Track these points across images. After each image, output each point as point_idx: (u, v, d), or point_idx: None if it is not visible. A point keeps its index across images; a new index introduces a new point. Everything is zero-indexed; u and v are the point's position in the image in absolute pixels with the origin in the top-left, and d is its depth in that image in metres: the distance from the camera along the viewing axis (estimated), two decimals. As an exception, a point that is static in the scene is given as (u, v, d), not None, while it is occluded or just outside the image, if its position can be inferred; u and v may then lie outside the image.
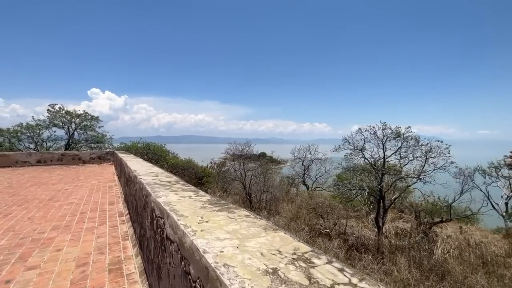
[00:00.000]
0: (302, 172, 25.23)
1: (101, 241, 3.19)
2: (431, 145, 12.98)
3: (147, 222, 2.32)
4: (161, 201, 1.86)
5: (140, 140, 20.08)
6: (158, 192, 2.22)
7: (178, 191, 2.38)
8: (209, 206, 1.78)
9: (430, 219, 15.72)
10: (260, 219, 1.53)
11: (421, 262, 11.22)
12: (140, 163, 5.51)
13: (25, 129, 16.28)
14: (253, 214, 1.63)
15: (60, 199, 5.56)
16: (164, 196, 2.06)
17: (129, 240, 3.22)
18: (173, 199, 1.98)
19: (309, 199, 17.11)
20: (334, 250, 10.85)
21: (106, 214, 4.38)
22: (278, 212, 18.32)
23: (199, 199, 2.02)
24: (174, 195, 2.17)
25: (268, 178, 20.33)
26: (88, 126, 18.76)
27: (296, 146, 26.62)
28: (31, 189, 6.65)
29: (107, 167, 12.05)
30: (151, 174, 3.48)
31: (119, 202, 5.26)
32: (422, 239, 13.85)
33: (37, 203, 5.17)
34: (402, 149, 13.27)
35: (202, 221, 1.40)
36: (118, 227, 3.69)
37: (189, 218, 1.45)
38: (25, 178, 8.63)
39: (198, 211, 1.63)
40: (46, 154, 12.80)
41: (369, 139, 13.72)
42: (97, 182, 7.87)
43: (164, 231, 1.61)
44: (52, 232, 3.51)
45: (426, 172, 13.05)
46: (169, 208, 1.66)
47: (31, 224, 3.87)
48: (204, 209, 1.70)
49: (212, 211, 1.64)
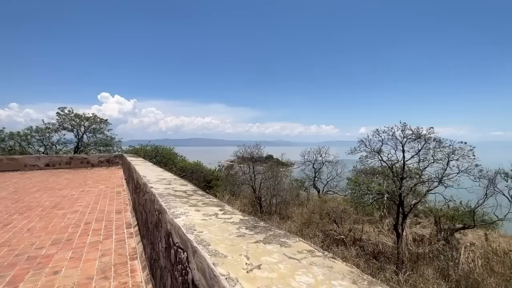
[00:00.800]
0: (312, 175, 24.54)
1: (105, 261, 2.73)
2: (453, 147, 12.19)
3: (161, 246, 1.83)
4: (181, 224, 1.37)
5: (148, 143, 19.86)
6: (175, 208, 1.74)
7: (198, 205, 1.90)
8: (248, 233, 1.28)
9: (451, 225, 14.86)
10: (333, 258, 1.02)
11: (447, 273, 10.44)
12: (150, 167, 5.07)
13: (35, 132, 16.22)
14: (315, 246, 1.12)
15: (65, 207, 5.17)
16: (183, 215, 1.57)
17: (137, 259, 2.75)
18: (196, 219, 1.49)
19: (322, 203, 16.46)
20: (353, 259, 10.18)
21: (112, 225, 3.93)
22: (288, 216, 17.72)
23: (229, 219, 1.52)
24: (196, 212, 1.68)
25: (278, 181, 19.74)
26: (97, 129, 18.63)
27: (306, 149, 25.97)
28: (36, 195, 6.31)
29: (115, 171, 11.75)
30: (163, 182, 3.01)
31: (127, 211, 4.83)
32: (443, 247, 13.02)
33: (40, 211, 4.79)
34: (422, 151, 12.52)
35: (251, 266, 0.90)
36: (125, 242, 3.23)
37: (229, 259, 0.95)
38: (32, 182, 8.35)
39: (236, 243, 1.13)
40: (54, 158, 12.60)
41: (386, 141, 13.02)
42: (105, 187, 7.50)
43: (189, 273, 1.12)
44: (52, 248, 3.08)
45: (448, 176, 12.27)
46: (194, 237, 1.17)
47: (30, 237, 3.46)
48: (242, 237, 1.20)
49: (257, 243, 1.14)
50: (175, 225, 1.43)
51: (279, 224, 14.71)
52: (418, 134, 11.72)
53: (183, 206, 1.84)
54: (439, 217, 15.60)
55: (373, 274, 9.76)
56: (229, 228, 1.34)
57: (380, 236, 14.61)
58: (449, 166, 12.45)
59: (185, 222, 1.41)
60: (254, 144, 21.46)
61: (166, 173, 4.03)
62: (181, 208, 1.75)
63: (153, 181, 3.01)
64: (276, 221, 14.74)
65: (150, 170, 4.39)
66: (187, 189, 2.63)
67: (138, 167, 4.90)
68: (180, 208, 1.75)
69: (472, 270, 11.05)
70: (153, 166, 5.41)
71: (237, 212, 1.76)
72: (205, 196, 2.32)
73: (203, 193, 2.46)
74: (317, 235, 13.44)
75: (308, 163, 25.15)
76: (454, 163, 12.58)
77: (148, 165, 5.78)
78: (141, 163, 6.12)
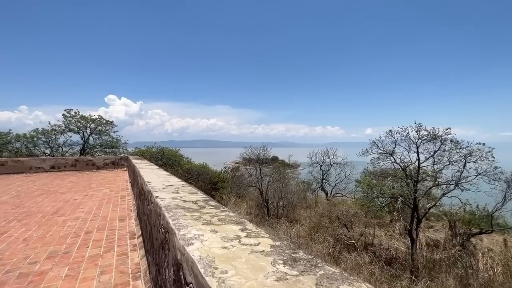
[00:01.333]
0: (320, 177, 24.01)
1: (105, 280, 2.39)
2: (471, 148, 11.62)
3: (168, 275, 1.48)
4: (196, 257, 1.01)
5: (154, 145, 19.69)
6: (185, 229, 1.38)
7: (214, 222, 1.54)
8: (290, 272, 0.91)
9: (467, 230, 14.23)
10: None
11: (467, 282, 9.88)
12: (155, 171, 4.75)
13: (41, 134, 16.17)
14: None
15: (66, 213, 4.88)
16: (197, 240, 1.21)
17: (141, 279, 2.41)
18: (214, 247, 1.13)
19: (332, 206, 15.96)
20: (367, 266, 9.69)
21: (115, 235, 3.61)
22: (296, 219, 17.27)
23: (257, 246, 1.16)
24: (212, 233, 1.32)
25: (286, 183, 19.30)
26: (103, 131, 18.53)
27: (313, 150, 25.48)
28: (38, 199, 6.06)
29: (120, 173, 11.51)
30: (170, 189, 2.67)
31: (131, 218, 4.51)
32: (459, 252, 12.42)
33: (40, 218, 4.50)
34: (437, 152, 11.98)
35: None
36: (128, 256, 2.89)
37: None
38: (36, 185, 8.14)
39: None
40: (60, 160, 12.45)
41: (399, 142, 12.50)
42: (109, 191, 7.22)
43: None
44: (46, 263, 2.76)
45: (465, 178, 11.70)
46: (217, 284, 0.81)
47: (25, 248, 3.15)
48: (284, 283, 0.84)
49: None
50: (187, 257, 1.08)
51: (288, 228, 14.28)
52: (434, 135, 11.20)
53: (195, 224, 1.48)
54: (454, 221, 14.97)
55: (389, 282, 9.26)
56: (261, 264, 0.98)
57: (392, 240, 14.07)
58: (465, 168, 11.90)
59: (201, 254, 1.05)
60: (260, 146, 21.09)
61: (173, 178, 3.70)
62: (194, 228, 1.39)
63: (159, 189, 2.67)
64: (284, 225, 14.30)
65: (155, 175, 4.06)
66: (198, 198, 2.27)
67: (143, 171, 4.58)
68: (192, 228, 1.39)
69: (492, 278, 10.46)
70: (158, 170, 5.09)
71: (263, 233, 1.39)
72: (220, 208, 1.96)
73: (216, 204, 2.10)
74: (327, 239, 12.98)
75: (315, 165, 24.63)
76: (471, 165, 12.02)
77: (153, 168, 5.46)
78: (146, 167, 5.81)
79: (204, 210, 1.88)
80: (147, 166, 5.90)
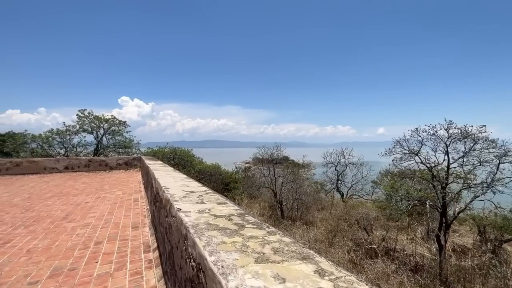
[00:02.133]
0: (335, 178, 23.20)
1: (115, 312, 1.94)
2: (506, 148, 10.66)
3: None
4: None
5: (166, 145, 19.51)
6: (233, 273, 0.88)
7: (271, 258, 1.03)
8: None
9: (498, 235, 13.19)
10: None
11: (507, 295, 9.00)
12: (171, 173, 4.31)
13: (56, 135, 16.26)
14: None
15: (76, 218, 4.53)
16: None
17: (159, 311, 1.94)
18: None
19: (350, 209, 15.22)
20: (394, 276, 8.97)
21: (127, 247, 3.17)
22: (311, 222, 16.61)
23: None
24: (275, 281, 0.82)
25: (300, 185, 18.65)
26: (116, 131, 18.50)
27: (327, 150, 24.69)
28: (49, 202, 5.77)
29: (133, 174, 11.26)
30: (192, 197, 2.19)
31: (145, 225, 4.08)
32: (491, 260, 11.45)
33: (48, 224, 4.15)
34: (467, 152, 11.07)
35: None
36: (142, 277, 2.43)
37: None
38: (49, 187, 7.93)
39: None
40: (73, 160, 12.36)
41: (425, 141, 11.64)
42: (122, 193, 6.89)
43: None
44: (48, 283, 2.34)
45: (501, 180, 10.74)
46: None
47: (27, 262, 2.76)
48: None
49: None
50: None
51: (304, 232, 13.67)
52: (466, 133, 10.30)
53: (244, 262, 0.98)
54: (484, 226, 13.94)
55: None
56: None
57: (415, 246, 13.21)
58: (499, 169, 10.97)
59: None
60: (273, 146, 20.53)
61: (192, 181, 3.22)
62: (247, 272, 0.89)
63: (179, 197, 2.19)
64: (301, 228, 13.69)
65: (171, 177, 3.61)
66: (230, 212, 1.78)
67: (157, 173, 4.15)
68: (245, 273, 0.88)
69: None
70: (174, 172, 4.65)
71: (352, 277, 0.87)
72: (263, 227, 1.45)
73: (257, 222, 1.59)
74: (347, 244, 12.29)
75: (330, 165, 23.83)
76: (506, 165, 11.08)
77: (168, 170, 5.03)
78: (161, 168, 5.39)
79: (245, 231, 1.38)
80: (162, 168, 5.48)
